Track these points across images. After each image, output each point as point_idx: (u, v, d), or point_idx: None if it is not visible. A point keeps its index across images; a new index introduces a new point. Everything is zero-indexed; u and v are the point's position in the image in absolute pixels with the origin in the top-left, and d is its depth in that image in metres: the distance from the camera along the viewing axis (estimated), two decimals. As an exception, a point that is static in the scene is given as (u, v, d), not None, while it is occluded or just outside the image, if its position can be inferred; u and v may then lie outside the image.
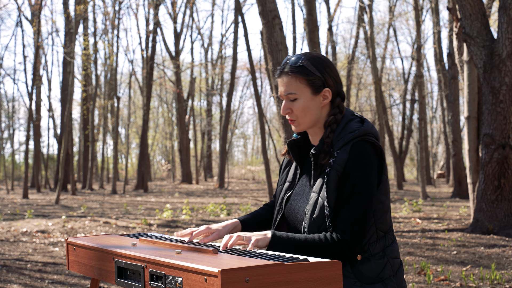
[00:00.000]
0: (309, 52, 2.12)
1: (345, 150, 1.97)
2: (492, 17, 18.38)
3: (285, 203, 2.13)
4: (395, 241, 2.08)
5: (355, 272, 1.95)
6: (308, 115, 2.05)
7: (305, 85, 2.03)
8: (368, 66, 31.66)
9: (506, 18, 7.88)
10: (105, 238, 2.18)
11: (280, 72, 2.08)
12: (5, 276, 5.73)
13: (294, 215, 2.07)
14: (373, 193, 1.96)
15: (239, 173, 43.72)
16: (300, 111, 2.04)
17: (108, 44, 26.86)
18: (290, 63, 2.05)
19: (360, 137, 1.98)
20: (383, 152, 2.03)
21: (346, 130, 2.01)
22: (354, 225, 1.91)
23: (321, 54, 2.11)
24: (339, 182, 1.95)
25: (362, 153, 1.96)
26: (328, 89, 2.05)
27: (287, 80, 2.04)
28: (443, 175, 34.55)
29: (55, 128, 32.89)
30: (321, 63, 2.06)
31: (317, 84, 2.04)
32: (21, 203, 17.88)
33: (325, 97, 2.05)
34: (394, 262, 2.03)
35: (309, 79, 2.03)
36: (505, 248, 7.10)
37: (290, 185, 2.15)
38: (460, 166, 17.02)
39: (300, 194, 2.08)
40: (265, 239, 1.88)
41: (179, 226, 10.17)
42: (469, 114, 9.50)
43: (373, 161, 1.97)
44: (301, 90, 2.03)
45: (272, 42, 8.19)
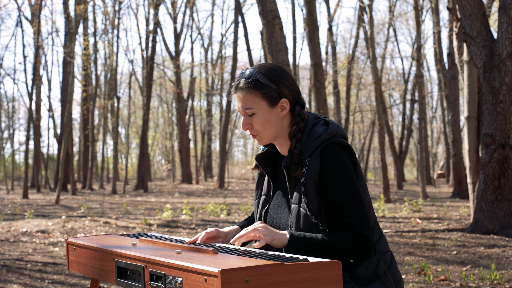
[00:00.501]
0: (262, 64, 2.10)
1: (315, 156, 1.96)
2: (492, 17, 18.37)
3: (264, 217, 2.13)
4: (382, 235, 2.08)
5: (351, 276, 1.95)
6: (269, 128, 2.03)
7: (261, 99, 2.01)
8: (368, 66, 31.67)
9: (506, 18, 7.88)
10: (105, 238, 2.18)
11: (235, 88, 2.06)
12: (5, 276, 5.73)
13: (277, 228, 2.06)
14: (360, 189, 1.96)
15: (239, 173, 43.73)
16: (259, 125, 2.03)
17: (108, 44, 26.87)
18: (244, 78, 2.04)
19: (328, 140, 1.98)
20: (352, 150, 2.03)
21: (312, 135, 2.00)
22: (363, 223, 1.91)
23: (274, 65, 2.09)
24: (318, 189, 1.95)
25: (334, 156, 1.95)
26: (285, 99, 2.03)
27: (243, 96, 2.03)
28: (443, 175, 34.55)
29: (55, 128, 32.89)
30: (274, 74, 2.04)
31: (273, 96, 2.02)
32: (21, 203, 17.88)
33: (283, 107, 2.03)
34: (385, 257, 2.04)
35: (264, 92, 2.01)
36: (505, 248, 7.10)
37: (266, 198, 2.15)
38: (460, 166, 17.02)
39: (279, 206, 2.08)
40: (283, 239, 1.88)
41: (179, 226, 10.17)
42: (469, 114, 9.50)
43: (346, 161, 1.97)
44: (257, 104, 2.01)
45: (272, 42, 8.19)
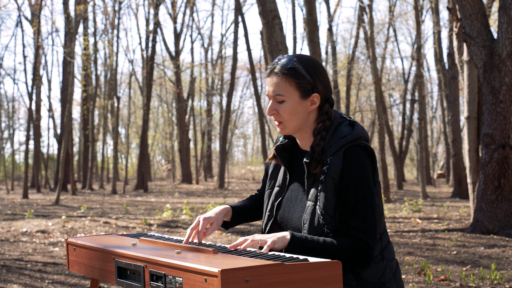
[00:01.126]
0: (301, 54, 2.07)
1: (338, 156, 1.94)
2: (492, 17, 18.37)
3: (276, 209, 2.10)
4: (390, 242, 2.07)
5: (357, 279, 1.94)
6: (294, 119, 2.00)
7: (294, 88, 1.98)
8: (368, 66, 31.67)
9: (506, 18, 7.88)
10: (105, 238, 2.18)
11: (270, 71, 2.03)
12: (5, 276, 5.73)
13: (288, 222, 2.04)
14: (374, 196, 1.95)
15: (239, 173, 43.73)
16: (286, 114, 2.00)
17: (108, 44, 26.87)
18: (281, 64, 2.00)
19: (352, 142, 1.96)
20: (374, 155, 2.01)
21: (337, 135, 1.98)
22: (368, 230, 1.90)
23: (313, 58, 2.07)
24: (337, 189, 1.93)
25: (357, 158, 1.94)
26: (317, 95, 2.00)
27: (276, 81, 1.99)
28: (443, 175, 34.55)
29: (55, 128, 32.89)
30: (312, 67, 2.01)
31: (307, 89, 1.99)
32: (21, 203, 17.88)
33: (313, 102, 2.01)
34: (392, 264, 2.03)
35: (299, 82, 1.98)
36: (505, 248, 7.10)
37: (280, 190, 2.12)
38: (460, 166, 17.02)
39: (293, 200, 2.05)
40: (283, 241, 1.86)
41: (179, 226, 10.17)
42: (469, 114, 9.49)
43: (367, 164, 1.96)
44: (289, 93, 1.98)
45: (272, 42, 8.19)
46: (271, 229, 2.12)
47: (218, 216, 2.08)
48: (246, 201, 2.29)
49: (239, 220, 2.21)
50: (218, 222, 2.07)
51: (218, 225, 2.07)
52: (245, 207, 2.25)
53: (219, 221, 2.07)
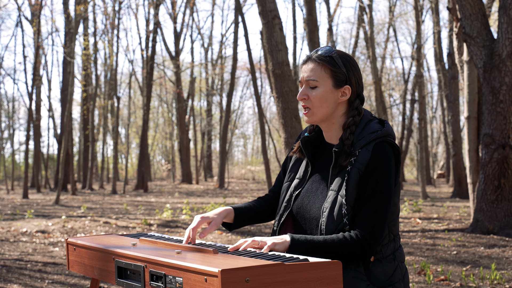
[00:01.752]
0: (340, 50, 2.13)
1: (367, 149, 1.96)
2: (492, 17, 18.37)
3: (294, 200, 2.10)
4: (401, 246, 2.09)
5: (368, 274, 1.95)
6: (324, 107, 2.03)
7: (329, 76, 2.02)
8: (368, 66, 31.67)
9: (506, 18, 7.88)
10: (105, 238, 2.17)
11: (308, 58, 2.07)
12: (5, 276, 5.73)
13: (306, 211, 2.04)
14: (392, 194, 1.96)
15: (239, 173, 43.72)
16: (316, 100, 2.03)
17: (108, 44, 26.86)
18: (321, 52, 2.05)
19: (382, 137, 1.98)
20: (400, 154, 2.03)
21: (367, 130, 2.01)
22: (375, 224, 1.91)
23: (351, 55, 2.12)
24: (360, 181, 1.95)
25: (384, 154, 1.96)
26: (349, 87, 2.04)
27: (312, 67, 2.04)
28: (443, 175, 34.55)
29: (55, 128, 32.89)
30: (349, 61, 2.06)
31: (340, 79, 2.03)
32: (21, 203, 17.88)
33: (344, 93, 2.04)
34: (402, 266, 2.05)
35: (334, 70, 2.02)
36: (505, 248, 7.10)
37: (300, 182, 2.13)
38: (460, 166, 17.02)
39: (313, 191, 2.06)
40: (284, 244, 1.86)
41: (179, 226, 10.17)
42: (469, 114, 9.50)
43: (393, 163, 1.98)
44: (323, 79, 2.02)
45: (272, 42, 8.19)
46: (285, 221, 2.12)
47: (216, 217, 2.07)
48: (252, 202, 2.29)
49: (241, 222, 2.20)
50: (216, 222, 2.06)
51: (217, 225, 2.06)
52: (249, 208, 2.23)
53: (217, 221, 2.06)
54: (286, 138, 7.97)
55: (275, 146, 28.75)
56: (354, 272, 1.93)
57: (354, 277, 1.92)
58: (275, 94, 8.13)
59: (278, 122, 10.07)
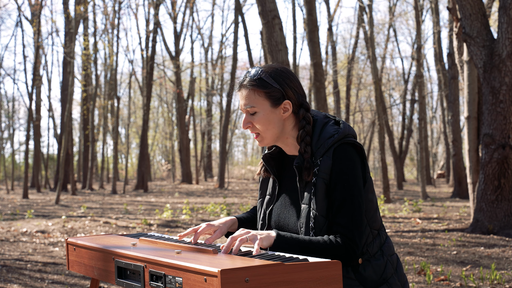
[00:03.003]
0: (269, 64, 2.08)
1: (327, 156, 1.94)
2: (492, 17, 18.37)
3: (269, 217, 2.11)
4: (388, 237, 2.08)
5: (358, 278, 1.94)
6: (270, 128, 2.01)
7: (264, 98, 1.99)
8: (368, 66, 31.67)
9: (506, 18, 7.88)
10: (105, 238, 2.18)
11: (240, 85, 2.04)
12: (5, 276, 5.73)
13: (284, 227, 2.04)
14: (362, 194, 1.95)
15: (239, 173, 43.73)
16: (260, 125, 2.00)
17: (108, 44, 26.86)
18: (249, 77, 2.02)
19: (340, 140, 1.96)
20: (363, 151, 2.01)
21: (324, 135, 1.98)
22: (355, 228, 1.91)
23: (281, 66, 2.07)
24: (327, 190, 1.94)
25: (345, 157, 1.94)
26: (288, 101, 2.01)
27: (246, 94, 2.00)
28: (443, 175, 34.55)
29: (55, 128, 32.89)
30: (280, 75, 2.02)
31: (276, 96, 1.99)
32: (21, 203, 17.88)
33: (285, 109, 2.01)
34: (392, 259, 2.04)
35: (267, 91, 1.99)
36: (505, 248, 7.10)
37: (270, 198, 2.12)
38: (460, 166, 17.02)
39: (286, 206, 2.05)
40: (269, 238, 1.86)
41: (179, 226, 10.17)
42: (469, 114, 9.50)
43: (357, 162, 1.96)
44: (260, 103, 1.99)
45: (272, 42, 8.19)
46: None
47: (222, 226, 2.09)
48: (249, 212, 2.30)
49: None
50: (222, 231, 2.08)
51: (222, 234, 2.08)
52: (250, 218, 2.26)
53: (222, 230, 2.08)
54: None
55: (275, 146, 28.71)
56: (345, 280, 1.92)
57: (346, 284, 1.92)
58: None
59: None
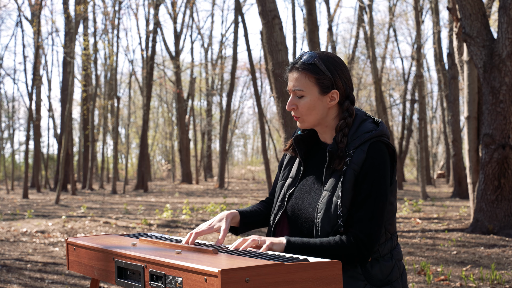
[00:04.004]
0: (324, 51, 2.08)
1: (362, 149, 1.95)
2: (492, 17, 18.37)
3: (288, 199, 2.10)
4: (398, 244, 2.08)
5: (365, 273, 1.94)
6: (313, 114, 2.02)
7: (314, 84, 2.00)
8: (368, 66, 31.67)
9: (506, 18, 7.88)
10: (105, 238, 2.17)
11: (292, 67, 2.05)
12: (5, 276, 5.73)
13: (300, 211, 2.03)
14: (387, 195, 1.95)
15: (239, 173, 43.71)
16: (305, 109, 2.02)
17: (108, 44, 26.87)
18: (303, 60, 2.03)
19: (377, 137, 1.97)
20: (395, 154, 2.02)
21: (362, 129, 1.99)
22: (372, 225, 1.90)
23: (335, 56, 2.07)
24: (356, 182, 1.93)
25: (379, 154, 1.95)
26: (336, 91, 2.02)
27: (297, 76, 2.02)
28: (443, 175, 34.55)
29: (55, 128, 32.89)
30: (333, 63, 2.03)
31: (326, 84, 2.01)
32: (21, 203, 17.88)
33: (332, 98, 2.02)
34: (400, 265, 2.04)
35: (318, 78, 2.00)
36: (505, 248, 7.10)
37: (293, 181, 2.12)
38: (460, 166, 17.02)
39: (307, 191, 2.05)
40: (281, 245, 1.86)
41: (179, 226, 10.17)
42: (469, 114, 9.50)
43: (388, 162, 1.97)
44: (309, 88, 2.01)
45: (272, 42, 8.19)
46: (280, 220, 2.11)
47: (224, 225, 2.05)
48: (256, 206, 2.27)
49: (248, 225, 2.19)
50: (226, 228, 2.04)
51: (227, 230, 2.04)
52: (254, 212, 2.22)
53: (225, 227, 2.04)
54: (286, 138, 7.97)
55: (275, 146, 28.76)
56: (351, 272, 1.92)
57: (351, 277, 1.92)
58: (275, 94, 8.13)
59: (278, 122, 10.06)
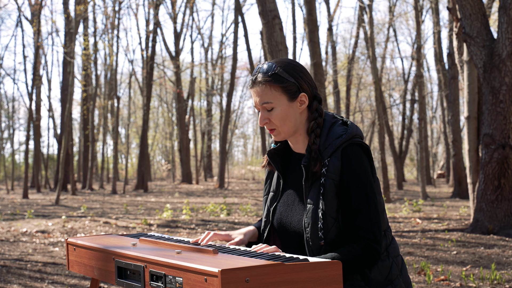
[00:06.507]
0: (279, 59, 2.07)
1: (336, 157, 1.94)
2: (492, 17, 18.37)
3: (272, 214, 2.09)
4: (393, 238, 2.08)
5: (364, 279, 1.94)
6: (288, 123, 2.00)
7: (281, 93, 1.97)
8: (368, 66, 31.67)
9: (506, 18, 7.88)
10: (105, 238, 2.17)
11: (253, 82, 2.02)
12: (5, 276, 5.73)
13: (286, 225, 2.02)
14: (375, 192, 1.95)
15: (239, 173, 43.71)
16: (278, 120, 1.99)
17: (108, 44, 26.86)
18: (263, 72, 2.00)
19: (348, 141, 1.96)
20: (370, 152, 2.01)
21: (332, 136, 1.97)
22: (374, 229, 1.90)
23: (292, 60, 2.06)
24: (337, 190, 1.93)
25: (355, 157, 1.94)
26: (304, 94, 2.00)
27: (261, 90, 1.98)
28: (443, 175, 34.54)
29: (55, 128, 32.88)
30: (293, 68, 2.01)
31: (293, 90, 1.98)
32: (21, 203, 17.88)
33: (302, 102, 2.00)
34: (397, 261, 2.03)
35: (284, 86, 1.97)
36: (505, 248, 7.10)
37: (274, 195, 2.11)
38: (460, 166, 17.02)
39: (290, 204, 2.04)
40: None
41: (179, 226, 10.17)
42: (469, 114, 9.50)
43: (366, 162, 1.96)
44: (277, 98, 1.98)
45: (272, 42, 8.19)
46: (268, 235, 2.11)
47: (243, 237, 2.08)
48: None
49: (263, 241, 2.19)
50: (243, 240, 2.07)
51: (243, 243, 2.07)
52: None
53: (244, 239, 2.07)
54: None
55: (275, 146, 28.68)
56: (350, 281, 1.91)
57: (351, 285, 1.91)
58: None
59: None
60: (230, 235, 2.07)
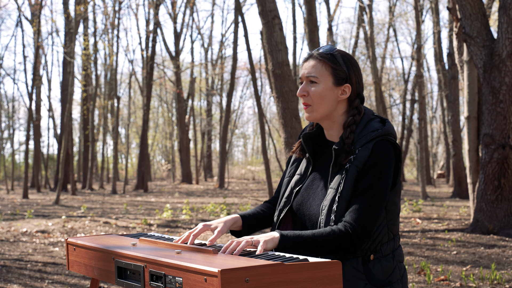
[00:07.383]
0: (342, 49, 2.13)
1: (367, 147, 1.96)
2: (492, 17, 18.37)
3: (294, 195, 2.10)
4: (400, 246, 2.09)
5: (366, 273, 1.94)
6: (324, 104, 2.03)
7: (329, 74, 2.03)
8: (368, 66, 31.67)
9: (506, 18, 7.88)
10: (105, 238, 2.17)
11: (309, 56, 2.08)
12: (5, 276, 5.73)
13: (306, 208, 2.04)
14: (388, 192, 1.95)
15: (239, 173, 43.72)
16: (316, 97, 2.03)
17: (108, 44, 26.87)
18: (322, 50, 2.07)
19: (383, 136, 1.99)
20: (401, 154, 2.03)
21: (368, 128, 2.01)
22: (367, 217, 1.90)
23: (352, 56, 2.12)
24: (358, 177, 1.94)
25: (384, 152, 1.96)
26: (349, 86, 2.05)
27: (314, 63, 2.05)
28: (443, 175, 34.55)
29: (55, 128, 32.89)
30: (350, 60, 2.07)
31: (341, 76, 2.04)
32: (21, 203, 17.88)
33: (344, 92, 2.05)
34: (401, 266, 2.04)
35: (335, 68, 2.03)
36: (505, 248, 7.10)
37: (301, 178, 2.13)
38: (460, 166, 17.02)
39: (314, 188, 2.06)
40: (273, 240, 1.84)
41: (179, 226, 10.17)
42: (469, 114, 9.49)
43: (392, 161, 1.98)
44: (323, 76, 2.03)
45: (272, 42, 8.19)
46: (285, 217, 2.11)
47: (221, 224, 2.05)
48: (258, 208, 2.27)
49: (251, 227, 2.18)
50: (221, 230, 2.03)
51: (222, 232, 2.04)
52: (256, 213, 2.22)
53: (222, 229, 2.04)
54: (286, 138, 7.97)
55: (275, 146, 28.75)
56: (352, 271, 1.93)
57: (353, 276, 1.93)
58: (275, 94, 8.13)
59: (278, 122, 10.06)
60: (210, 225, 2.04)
